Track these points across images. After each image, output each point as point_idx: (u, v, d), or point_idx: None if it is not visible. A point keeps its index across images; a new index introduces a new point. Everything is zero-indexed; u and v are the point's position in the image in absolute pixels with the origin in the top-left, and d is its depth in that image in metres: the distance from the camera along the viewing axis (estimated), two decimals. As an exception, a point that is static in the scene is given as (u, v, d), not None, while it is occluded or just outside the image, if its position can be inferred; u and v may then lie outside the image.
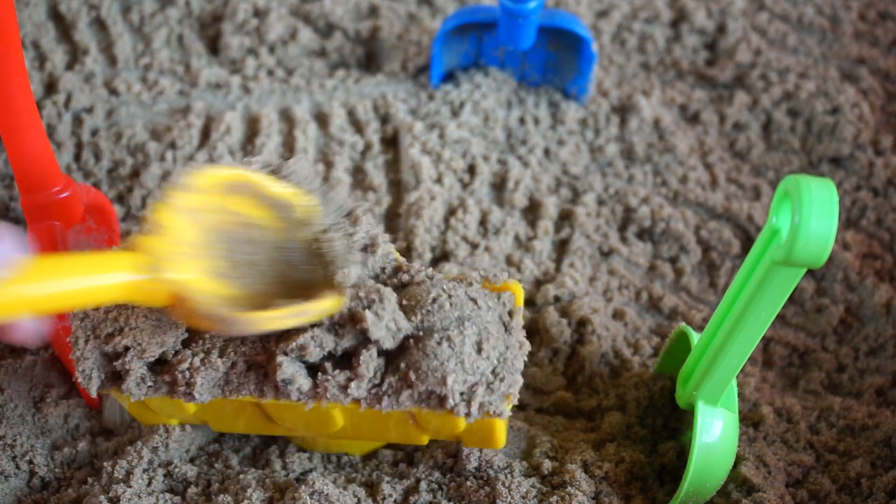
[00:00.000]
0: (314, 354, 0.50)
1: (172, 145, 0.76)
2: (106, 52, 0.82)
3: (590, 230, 0.74)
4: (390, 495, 0.58)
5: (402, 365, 0.50)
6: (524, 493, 0.57)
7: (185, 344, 0.53)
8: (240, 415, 0.55)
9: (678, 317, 0.71)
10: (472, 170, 0.77)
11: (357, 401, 0.50)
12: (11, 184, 0.73)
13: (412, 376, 0.50)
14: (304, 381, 0.50)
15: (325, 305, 0.50)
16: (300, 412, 0.53)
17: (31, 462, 0.60)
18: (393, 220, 0.74)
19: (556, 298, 0.69)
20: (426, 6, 0.88)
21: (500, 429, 0.54)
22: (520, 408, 0.64)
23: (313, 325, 0.50)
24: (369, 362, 0.50)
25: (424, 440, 0.58)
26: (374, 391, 0.50)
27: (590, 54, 0.78)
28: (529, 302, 0.70)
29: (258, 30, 0.84)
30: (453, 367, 0.50)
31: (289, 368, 0.50)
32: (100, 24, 0.84)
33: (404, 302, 0.51)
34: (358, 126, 0.79)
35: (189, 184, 0.51)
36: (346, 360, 0.51)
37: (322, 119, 0.79)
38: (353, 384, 0.50)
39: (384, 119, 0.80)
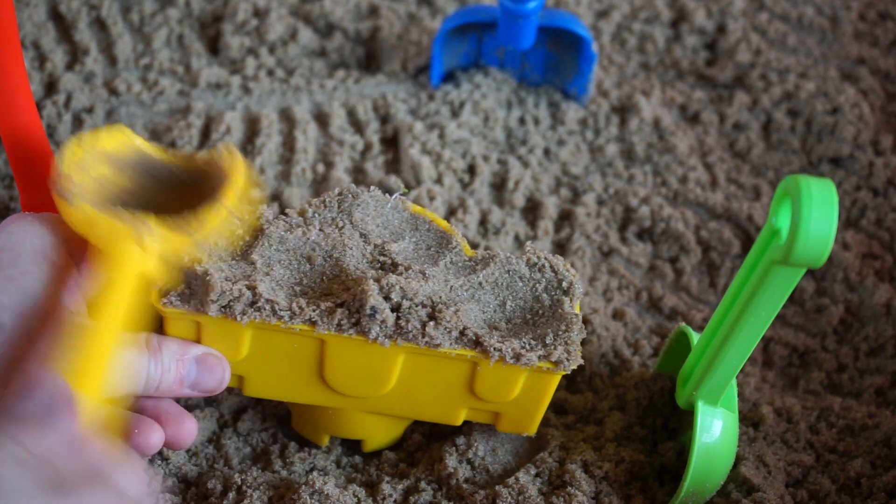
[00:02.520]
0: (396, 295, 0.52)
1: (172, 145, 0.76)
2: (106, 53, 0.82)
3: (590, 230, 0.74)
4: (390, 495, 0.58)
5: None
6: (525, 493, 0.57)
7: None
8: (286, 370, 0.54)
9: (678, 317, 0.71)
10: (472, 170, 0.77)
11: (435, 345, 0.52)
12: (11, 184, 0.73)
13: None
14: (389, 315, 0.51)
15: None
16: (358, 363, 0.53)
17: (31, 462, 0.60)
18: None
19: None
20: (426, 6, 0.88)
21: (543, 408, 0.57)
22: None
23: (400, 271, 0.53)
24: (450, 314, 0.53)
25: (459, 419, 0.58)
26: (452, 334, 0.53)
27: (590, 54, 0.78)
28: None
29: (258, 30, 0.84)
30: (529, 318, 0.54)
31: (377, 298, 0.51)
32: (100, 25, 0.84)
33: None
34: (358, 126, 0.79)
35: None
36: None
37: (322, 119, 0.79)
38: (431, 324, 0.52)
39: (384, 119, 0.80)
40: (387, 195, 0.58)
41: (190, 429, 0.54)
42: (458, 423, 0.58)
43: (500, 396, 0.55)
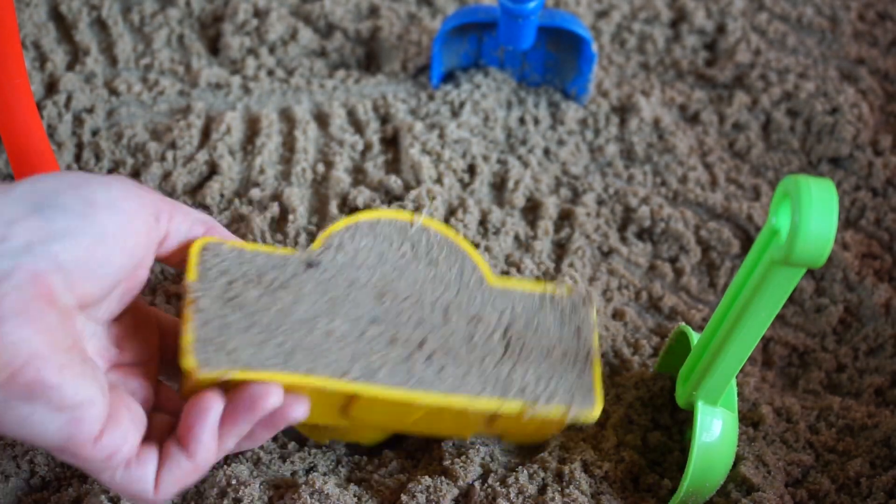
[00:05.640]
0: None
1: (172, 145, 0.76)
2: (106, 53, 0.82)
3: (590, 230, 0.74)
4: (390, 495, 0.58)
5: None
6: (525, 493, 0.58)
7: None
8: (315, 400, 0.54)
9: (678, 317, 0.71)
10: (472, 170, 0.77)
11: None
12: (12, 184, 0.73)
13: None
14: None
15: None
16: (390, 402, 0.52)
17: (31, 461, 0.60)
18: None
19: (556, 298, 0.69)
20: (426, 6, 0.88)
21: (555, 433, 0.58)
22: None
23: None
24: None
25: (469, 434, 0.58)
26: None
27: (590, 54, 0.78)
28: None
29: (258, 30, 0.84)
30: (551, 358, 0.54)
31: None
32: (100, 25, 0.84)
33: None
34: (358, 126, 0.79)
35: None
36: None
37: (322, 119, 0.79)
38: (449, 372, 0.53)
39: (384, 119, 0.80)
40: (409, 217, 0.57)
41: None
42: (467, 437, 0.59)
43: (518, 431, 0.56)
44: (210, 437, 0.49)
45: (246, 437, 0.51)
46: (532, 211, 0.76)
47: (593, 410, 0.53)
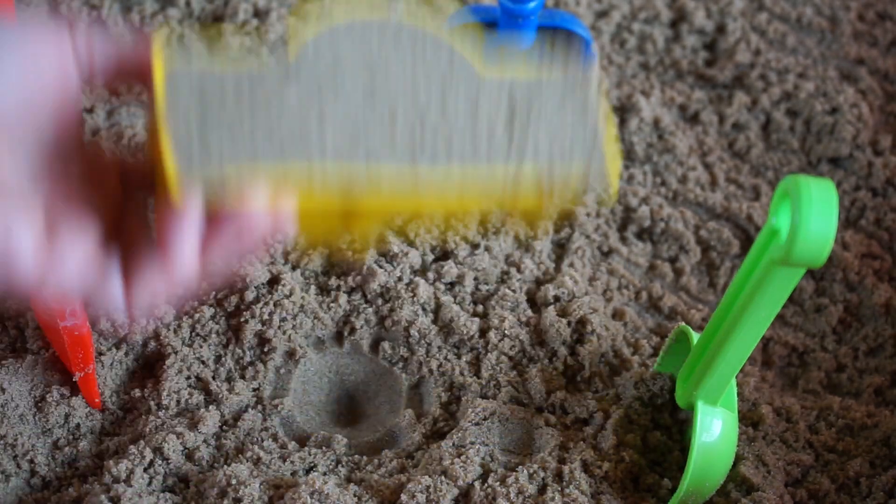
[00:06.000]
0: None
1: (173, 145, 0.76)
2: (106, 52, 0.82)
3: (590, 230, 0.75)
4: (390, 495, 0.58)
5: None
6: (524, 493, 0.58)
7: None
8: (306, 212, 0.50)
9: (678, 317, 0.71)
10: (471, 170, 0.77)
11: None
12: (12, 184, 0.73)
13: None
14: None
15: None
16: (399, 184, 0.49)
17: (32, 461, 0.60)
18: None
19: (556, 298, 0.69)
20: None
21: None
22: (518, 403, 0.65)
23: None
24: None
25: (476, 209, 0.55)
26: None
27: (590, 54, 0.78)
28: (529, 302, 0.70)
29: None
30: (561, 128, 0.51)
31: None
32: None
33: None
34: (358, 126, 0.79)
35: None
36: None
37: (322, 119, 0.79)
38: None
39: (384, 119, 0.80)
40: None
41: None
42: (473, 216, 0.55)
43: (532, 202, 0.53)
44: (189, 246, 0.45)
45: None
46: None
47: (612, 168, 0.51)
